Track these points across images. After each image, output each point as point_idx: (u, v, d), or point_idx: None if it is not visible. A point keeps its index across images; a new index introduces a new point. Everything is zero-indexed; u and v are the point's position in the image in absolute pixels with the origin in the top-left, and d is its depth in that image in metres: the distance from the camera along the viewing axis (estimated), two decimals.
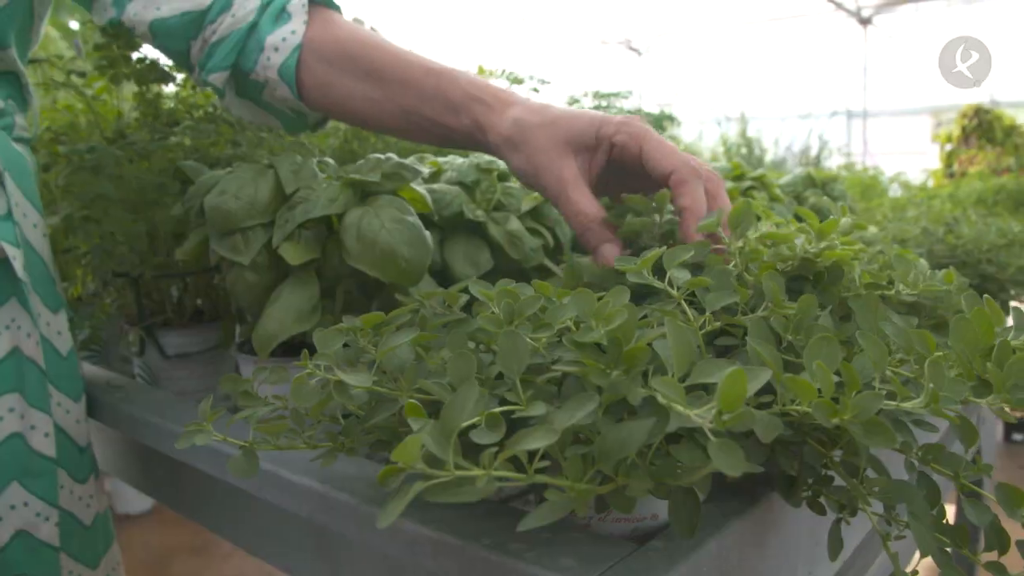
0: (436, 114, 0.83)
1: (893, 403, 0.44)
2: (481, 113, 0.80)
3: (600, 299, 0.45)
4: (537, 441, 0.35)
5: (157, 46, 0.93)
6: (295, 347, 0.87)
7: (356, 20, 1.47)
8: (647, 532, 0.57)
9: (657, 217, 0.69)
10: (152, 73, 0.95)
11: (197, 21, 0.90)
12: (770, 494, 0.61)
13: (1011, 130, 5.77)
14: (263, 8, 0.89)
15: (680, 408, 0.37)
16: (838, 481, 0.57)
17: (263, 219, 0.82)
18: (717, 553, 0.54)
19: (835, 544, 0.57)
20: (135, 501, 3.70)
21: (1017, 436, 4.34)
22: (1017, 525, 0.51)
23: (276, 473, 0.70)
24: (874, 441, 0.40)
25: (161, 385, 1.06)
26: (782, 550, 0.64)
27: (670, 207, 0.69)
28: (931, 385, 0.42)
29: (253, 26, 0.89)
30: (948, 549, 0.53)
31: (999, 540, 0.52)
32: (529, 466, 0.37)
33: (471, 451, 0.39)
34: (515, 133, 0.77)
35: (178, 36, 0.91)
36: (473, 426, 0.41)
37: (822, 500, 0.58)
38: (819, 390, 0.41)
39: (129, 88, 1.09)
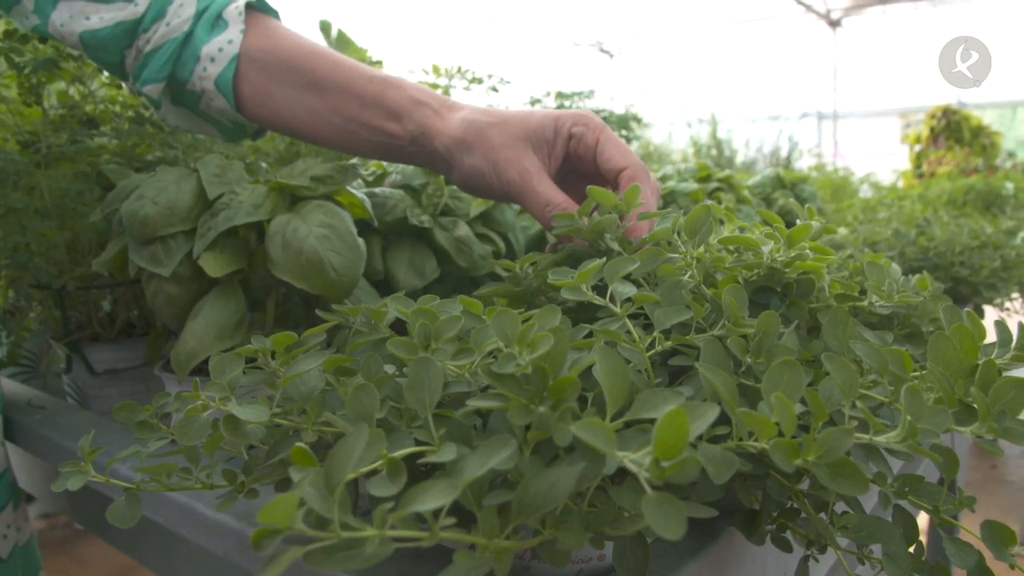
0: (378, 121, 0.80)
1: (865, 436, 0.38)
2: (426, 117, 0.77)
3: (526, 320, 0.39)
4: (435, 499, 0.28)
5: (90, 57, 0.87)
6: None
7: (323, 22, 1.41)
8: (594, 574, 0.51)
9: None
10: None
11: (130, 30, 0.83)
12: (730, 528, 0.55)
13: (978, 130, 5.80)
14: (198, 16, 0.83)
15: (612, 453, 0.30)
16: (804, 513, 0.51)
17: (184, 226, 0.76)
18: None
19: None
20: None
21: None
22: (1004, 566, 0.46)
23: (191, 507, 0.63)
24: (842, 486, 0.34)
25: (90, 404, 0.99)
26: None
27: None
28: (909, 417, 0.36)
29: (188, 35, 0.83)
30: None
31: None
32: (434, 522, 0.31)
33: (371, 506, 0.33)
34: (468, 134, 0.75)
35: (111, 47, 0.84)
36: (376, 472, 0.35)
37: (787, 535, 0.52)
38: (779, 426, 0.35)
39: (54, 87, 1.02)
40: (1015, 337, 0.49)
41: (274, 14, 0.88)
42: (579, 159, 0.76)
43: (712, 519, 0.55)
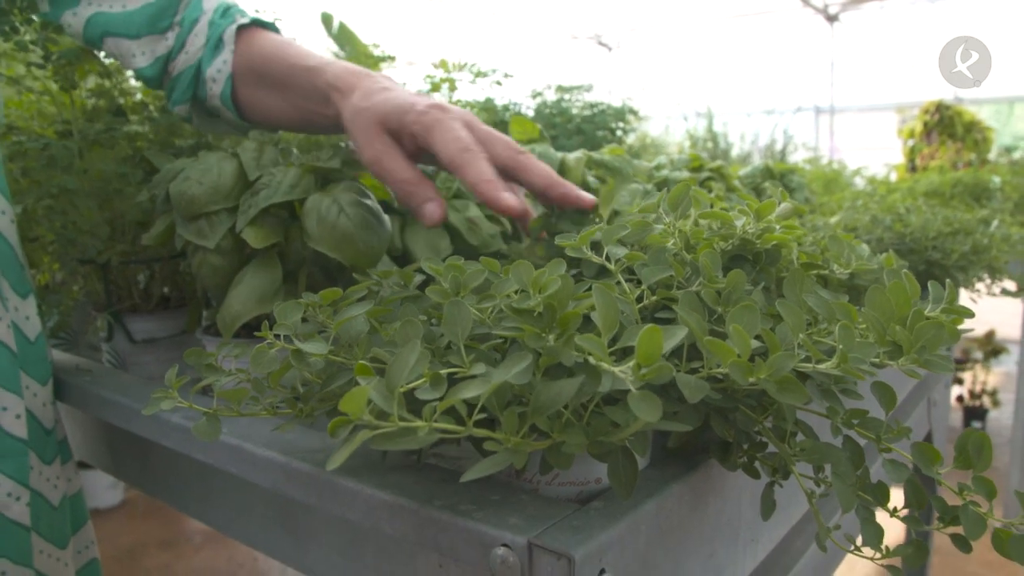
0: (316, 107, 0.89)
1: (809, 365, 0.48)
2: (337, 101, 0.85)
3: (539, 271, 0.48)
4: (472, 390, 0.38)
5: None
6: (258, 329, 0.90)
7: (325, 14, 1.49)
8: (592, 495, 0.61)
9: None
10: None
11: (165, 61, 0.99)
12: (709, 460, 0.64)
13: (971, 126, 5.88)
14: (207, 42, 0.97)
15: (604, 364, 0.40)
16: (772, 448, 0.61)
17: (227, 204, 0.85)
18: (656, 513, 0.57)
19: (768, 505, 0.61)
20: (104, 495, 3.69)
21: (976, 424, 4.45)
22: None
23: (240, 447, 0.72)
24: (787, 397, 0.43)
25: (129, 370, 1.08)
26: (723, 514, 0.67)
27: None
28: (841, 346, 0.46)
29: (201, 60, 0.98)
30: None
31: (916, 496, 0.56)
32: (468, 419, 0.40)
33: (419, 409, 0.42)
34: (349, 121, 0.82)
35: (154, 81, 1.01)
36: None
37: (756, 465, 0.62)
38: (738, 352, 0.44)
39: (92, 79, 1.11)
40: (945, 294, 0.59)
41: (269, 26, 1.01)
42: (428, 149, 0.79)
43: (696, 453, 0.64)
